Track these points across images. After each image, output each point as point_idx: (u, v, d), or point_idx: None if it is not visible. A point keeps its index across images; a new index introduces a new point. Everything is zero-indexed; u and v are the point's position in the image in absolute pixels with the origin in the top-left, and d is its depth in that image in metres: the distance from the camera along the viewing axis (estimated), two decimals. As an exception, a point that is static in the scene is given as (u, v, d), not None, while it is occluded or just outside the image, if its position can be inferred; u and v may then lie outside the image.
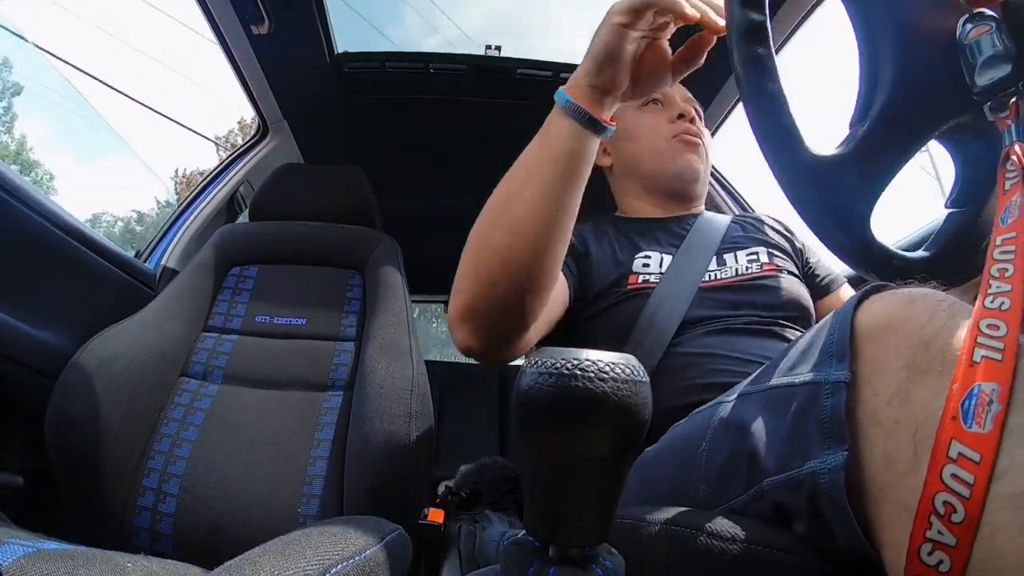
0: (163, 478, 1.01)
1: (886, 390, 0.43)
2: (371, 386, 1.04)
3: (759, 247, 1.08)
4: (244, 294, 1.29)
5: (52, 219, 1.12)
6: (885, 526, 0.42)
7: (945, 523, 0.36)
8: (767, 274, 1.02)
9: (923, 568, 0.37)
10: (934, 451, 0.38)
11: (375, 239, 1.37)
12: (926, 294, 0.47)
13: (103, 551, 0.62)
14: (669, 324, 0.94)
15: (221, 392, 1.13)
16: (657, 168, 1.16)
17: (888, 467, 0.42)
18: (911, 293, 0.47)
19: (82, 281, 1.24)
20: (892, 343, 0.45)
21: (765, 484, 0.53)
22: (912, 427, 0.41)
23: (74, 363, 0.99)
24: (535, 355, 0.35)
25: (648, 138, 1.16)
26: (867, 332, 0.47)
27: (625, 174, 1.23)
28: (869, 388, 0.45)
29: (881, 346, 0.45)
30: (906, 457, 0.40)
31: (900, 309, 0.46)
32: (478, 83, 1.77)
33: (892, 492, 0.41)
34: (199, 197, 1.74)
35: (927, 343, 0.42)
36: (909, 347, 0.43)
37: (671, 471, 0.71)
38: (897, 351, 0.44)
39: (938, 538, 0.36)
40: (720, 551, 0.52)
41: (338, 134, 1.97)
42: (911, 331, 0.44)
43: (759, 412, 0.56)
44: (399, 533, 0.77)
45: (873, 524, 0.43)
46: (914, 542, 0.38)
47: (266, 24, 1.43)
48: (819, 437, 0.47)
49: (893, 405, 0.43)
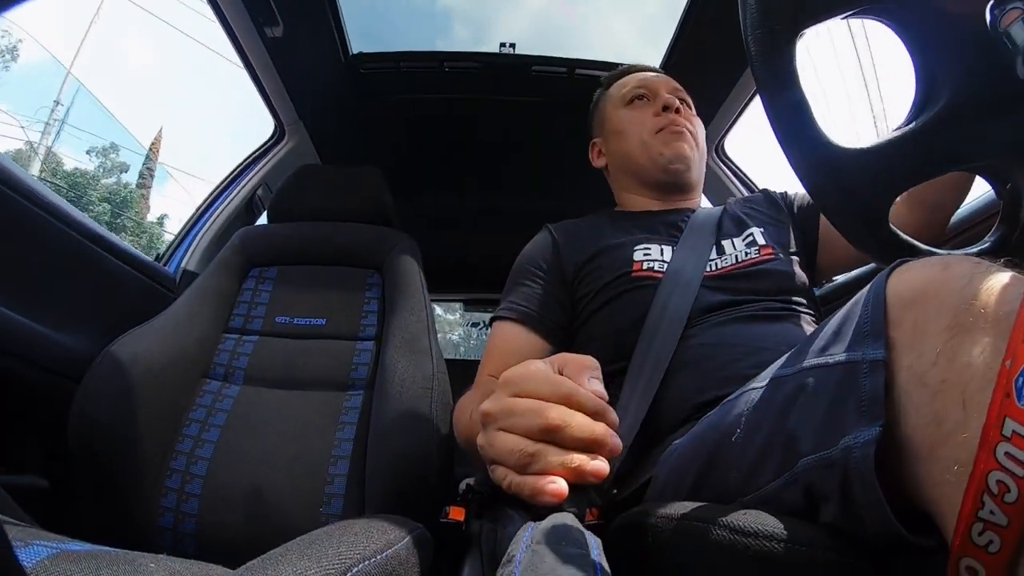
0: (185, 479, 1.02)
1: (930, 352, 0.43)
2: (391, 385, 1.04)
3: (751, 227, 1.10)
4: (264, 295, 1.29)
5: (74, 225, 1.13)
6: (937, 483, 0.41)
7: (998, 503, 0.35)
8: (766, 258, 1.03)
9: (972, 548, 0.36)
10: (986, 428, 0.36)
11: (394, 238, 1.37)
12: (962, 258, 0.46)
13: (126, 552, 0.62)
14: (680, 315, 0.95)
15: (242, 393, 1.14)
16: (647, 161, 1.18)
17: (938, 426, 0.41)
18: (946, 258, 0.47)
19: (104, 285, 1.25)
20: (933, 306, 0.44)
21: (799, 466, 0.52)
22: (959, 385, 0.40)
23: (96, 366, 1.00)
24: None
25: (635, 133, 1.19)
26: (907, 299, 0.47)
27: (619, 171, 1.27)
28: (912, 352, 0.44)
29: (922, 310, 0.45)
30: (955, 415, 0.40)
31: (938, 273, 0.45)
32: (493, 81, 1.77)
33: (941, 450, 0.41)
34: (218, 200, 1.75)
35: (969, 303, 0.42)
36: (950, 308, 0.43)
37: (702, 461, 0.70)
38: (939, 313, 0.43)
39: (990, 518, 0.35)
40: (743, 546, 0.51)
41: (354, 134, 1.98)
42: (951, 292, 0.43)
43: (795, 395, 0.56)
44: (420, 531, 0.77)
45: (923, 483, 0.43)
46: (964, 521, 0.37)
47: (280, 27, 1.44)
48: (856, 416, 0.47)
49: (939, 365, 0.42)
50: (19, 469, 1.09)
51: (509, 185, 2.23)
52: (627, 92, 1.24)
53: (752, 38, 0.55)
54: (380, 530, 0.69)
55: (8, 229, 1.02)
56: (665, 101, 1.17)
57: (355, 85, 1.75)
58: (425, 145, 2.06)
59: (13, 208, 1.00)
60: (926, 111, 0.58)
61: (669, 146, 1.15)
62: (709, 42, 1.55)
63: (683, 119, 1.18)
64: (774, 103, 0.56)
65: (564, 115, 1.82)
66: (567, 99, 1.78)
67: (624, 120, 1.22)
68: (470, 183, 2.24)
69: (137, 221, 9.15)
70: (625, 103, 1.23)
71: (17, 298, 1.04)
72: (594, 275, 1.06)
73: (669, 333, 0.94)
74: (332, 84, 1.73)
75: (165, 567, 0.58)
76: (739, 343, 0.90)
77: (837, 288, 1.45)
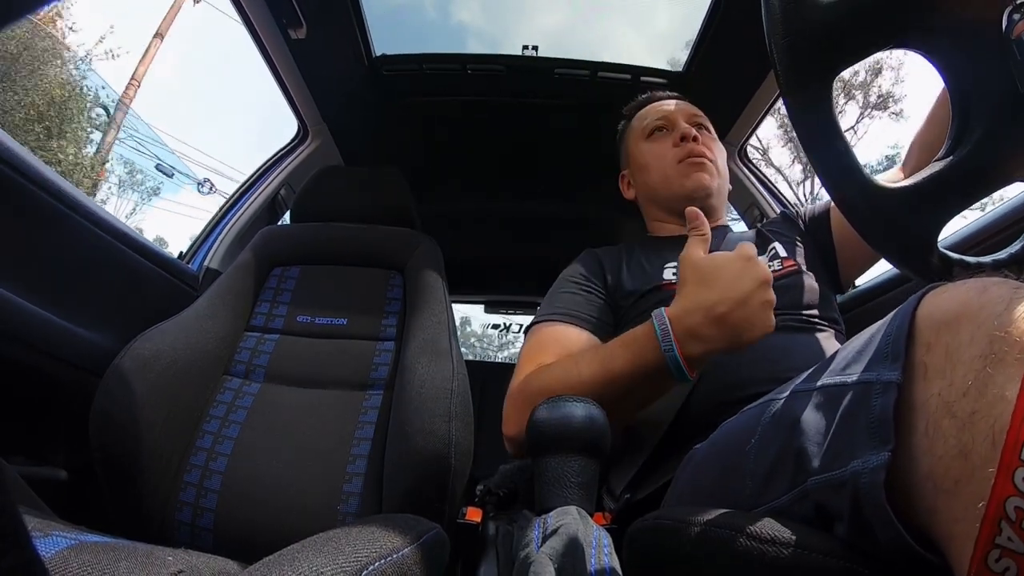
0: (205, 474, 1.02)
1: (961, 380, 0.41)
2: (411, 386, 1.04)
3: (773, 242, 1.14)
4: (286, 294, 1.30)
5: (99, 223, 1.15)
6: (958, 520, 0.40)
7: (1015, 529, 0.34)
8: (788, 272, 1.07)
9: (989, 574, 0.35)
10: (1004, 453, 0.35)
11: (416, 240, 1.38)
12: (1000, 282, 0.44)
13: (144, 544, 0.62)
14: None
15: (263, 390, 1.14)
16: (669, 193, 1.23)
17: (964, 459, 0.39)
18: (985, 281, 0.45)
19: (127, 282, 1.27)
20: (967, 332, 0.42)
21: (809, 484, 0.52)
22: (990, 419, 0.38)
23: (118, 362, 1.01)
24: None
25: (657, 167, 1.24)
26: (940, 321, 0.45)
27: (647, 201, 1.32)
28: (943, 379, 0.43)
29: (955, 335, 0.43)
30: (983, 449, 0.38)
31: (975, 297, 0.43)
32: (516, 83, 1.77)
33: (967, 485, 0.39)
34: (241, 200, 1.76)
35: (1005, 330, 0.40)
36: (985, 335, 0.41)
37: (719, 467, 0.70)
38: (972, 340, 0.41)
39: (1007, 544, 0.35)
40: (759, 553, 0.51)
41: (377, 136, 1.99)
42: (987, 319, 0.41)
43: (809, 410, 0.55)
44: (437, 532, 0.77)
45: (941, 517, 0.41)
46: (981, 548, 0.36)
47: (303, 28, 1.45)
48: (866, 437, 0.46)
49: (970, 396, 0.40)
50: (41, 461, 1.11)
51: (531, 187, 2.23)
52: (647, 125, 1.28)
53: (789, 99, 0.55)
54: (396, 529, 0.69)
55: (36, 227, 1.04)
56: (683, 132, 1.20)
57: (378, 87, 1.76)
58: (447, 147, 2.07)
59: (41, 206, 1.02)
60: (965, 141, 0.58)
61: (689, 178, 1.19)
62: (731, 46, 1.54)
63: (701, 147, 1.21)
64: (819, 159, 0.56)
65: (586, 118, 1.82)
66: (589, 102, 1.78)
67: (646, 154, 1.26)
68: (492, 185, 2.24)
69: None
70: (646, 136, 1.27)
71: (43, 294, 1.05)
72: (628, 288, 1.10)
73: None
74: (355, 86, 1.74)
75: (182, 560, 0.58)
76: (768, 350, 0.90)
77: (857, 296, 1.43)
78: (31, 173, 0.98)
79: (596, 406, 0.68)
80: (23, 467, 1.08)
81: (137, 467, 0.97)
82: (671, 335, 0.78)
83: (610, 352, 0.86)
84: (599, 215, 2.26)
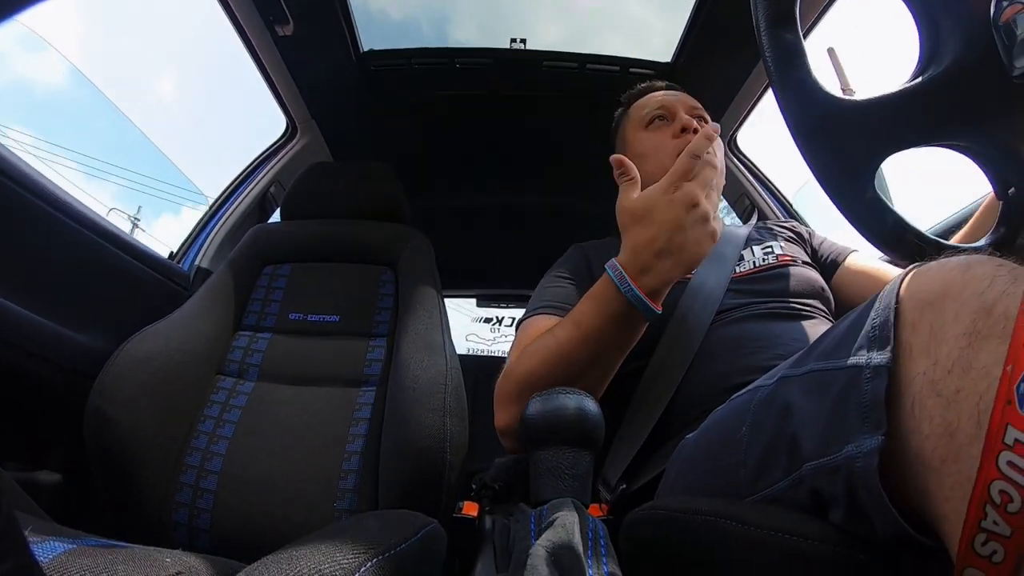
0: (200, 474, 1.02)
1: (946, 359, 0.41)
2: (405, 381, 1.04)
3: (772, 241, 1.17)
4: (278, 292, 1.30)
5: (89, 225, 1.14)
6: (947, 498, 0.40)
7: (1001, 512, 0.34)
8: (782, 263, 1.10)
9: (976, 559, 0.36)
10: (988, 437, 0.35)
11: (406, 235, 1.37)
12: (983, 259, 0.44)
13: (142, 547, 0.62)
14: (705, 315, 1.00)
15: (257, 389, 1.14)
16: None
17: (950, 438, 0.40)
18: (968, 259, 0.45)
19: (118, 283, 1.26)
20: (951, 310, 0.42)
21: (804, 469, 0.52)
22: (975, 396, 0.39)
23: (111, 363, 1.00)
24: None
25: (655, 157, 1.20)
26: (924, 300, 0.45)
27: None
28: (927, 358, 0.43)
29: (939, 313, 0.43)
30: (969, 427, 0.38)
31: (958, 275, 0.44)
32: (504, 76, 1.76)
33: (953, 464, 0.39)
34: (230, 198, 1.76)
35: (988, 308, 0.40)
36: (969, 313, 0.41)
37: (711, 457, 0.70)
38: (956, 318, 0.42)
39: (993, 528, 0.35)
40: (756, 541, 0.51)
41: (366, 131, 1.98)
42: (970, 296, 0.42)
43: (800, 396, 0.55)
44: (434, 526, 0.77)
45: (932, 497, 0.41)
46: (967, 532, 0.36)
47: (290, 25, 1.44)
48: (858, 422, 0.46)
49: (954, 374, 0.40)
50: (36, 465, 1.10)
51: (521, 180, 2.23)
52: (647, 114, 1.25)
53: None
54: (394, 525, 0.69)
55: (25, 231, 1.03)
56: (683, 123, 1.18)
57: (366, 82, 1.75)
58: (437, 141, 2.07)
59: (29, 210, 1.01)
60: (927, 71, 0.58)
61: None
62: (721, 35, 1.54)
63: None
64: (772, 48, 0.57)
65: (575, 110, 1.82)
66: (578, 94, 1.78)
67: (645, 143, 1.24)
68: (482, 179, 2.24)
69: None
70: (645, 125, 1.25)
71: (34, 297, 1.05)
72: None
73: (696, 329, 0.98)
74: (343, 82, 1.73)
75: (180, 562, 0.58)
76: (756, 338, 0.93)
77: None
78: (17, 176, 0.98)
79: (588, 397, 0.69)
80: (18, 472, 1.07)
81: (132, 469, 0.97)
82: (626, 277, 0.82)
83: (578, 311, 0.89)
84: (589, 207, 2.26)
